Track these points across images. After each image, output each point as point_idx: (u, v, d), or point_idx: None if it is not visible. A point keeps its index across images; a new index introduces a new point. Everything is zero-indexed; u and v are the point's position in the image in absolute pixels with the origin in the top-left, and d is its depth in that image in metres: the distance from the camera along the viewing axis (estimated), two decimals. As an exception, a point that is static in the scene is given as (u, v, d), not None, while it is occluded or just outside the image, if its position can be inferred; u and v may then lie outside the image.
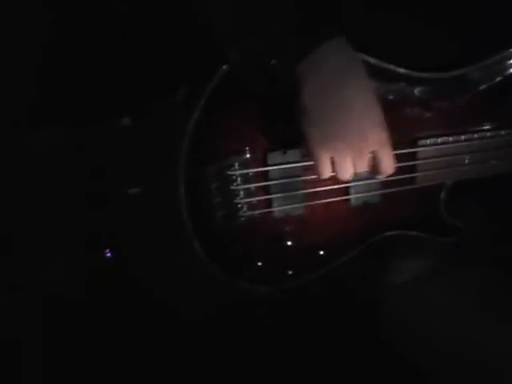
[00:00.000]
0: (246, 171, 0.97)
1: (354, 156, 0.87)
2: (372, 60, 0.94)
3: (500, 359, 0.93)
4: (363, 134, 0.85)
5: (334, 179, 0.93)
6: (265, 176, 0.98)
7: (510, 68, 0.98)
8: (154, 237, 1.07)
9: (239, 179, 0.98)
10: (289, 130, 0.92)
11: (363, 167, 0.89)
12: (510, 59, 0.97)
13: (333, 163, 0.88)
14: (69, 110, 1.14)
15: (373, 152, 0.88)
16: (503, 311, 0.98)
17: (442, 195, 1.05)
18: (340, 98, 0.84)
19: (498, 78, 0.98)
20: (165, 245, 1.07)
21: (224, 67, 0.92)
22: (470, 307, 1.00)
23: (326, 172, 0.88)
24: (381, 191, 1.02)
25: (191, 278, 1.09)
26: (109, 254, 1.04)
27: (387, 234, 1.06)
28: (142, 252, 1.09)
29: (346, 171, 0.88)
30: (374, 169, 0.89)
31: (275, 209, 1.01)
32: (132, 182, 1.06)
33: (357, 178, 0.98)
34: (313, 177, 0.97)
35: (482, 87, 0.99)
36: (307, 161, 0.95)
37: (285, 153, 0.97)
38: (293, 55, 0.84)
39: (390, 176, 0.99)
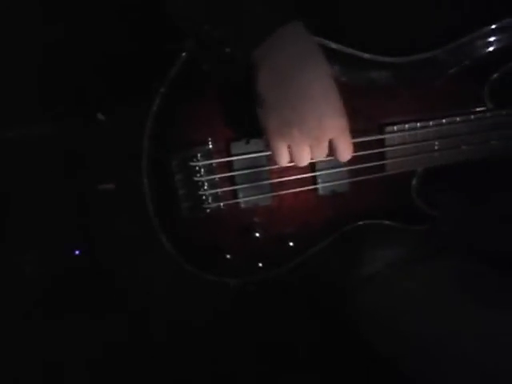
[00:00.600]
0: (208, 162, 0.96)
1: (312, 143, 0.85)
2: (334, 45, 0.92)
3: (476, 347, 0.91)
4: (320, 121, 0.83)
5: (301, 168, 0.91)
6: (229, 166, 0.97)
7: (478, 51, 0.95)
8: (126, 232, 1.06)
9: (202, 170, 0.96)
10: (251, 119, 0.90)
11: (321, 154, 0.87)
12: (477, 41, 0.94)
13: (290, 151, 0.86)
14: (45, 105, 1.13)
15: (331, 139, 0.85)
16: (478, 299, 0.96)
17: (414, 182, 1.02)
18: (296, 85, 0.82)
19: (467, 62, 0.96)
20: (136, 240, 1.05)
21: (183, 54, 0.90)
22: (443, 296, 0.98)
23: (283, 160, 0.86)
24: (349, 180, 0.99)
25: (163, 273, 1.08)
26: (77, 252, 1.03)
27: (359, 223, 1.04)
28: (114, 247, 1.08)
29: (303, 158, 0.86)
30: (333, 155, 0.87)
31: (241, 200, 0.99)
32: (104, 178, 1.05)
33: (323, 166, 0.96)
34: (278, 166, 0.95)
35: (450, 71, 0.96)
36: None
37: (248, 142, 0.95)
38: (247, 42, 0.82)
39: (358, 164, 0.97)
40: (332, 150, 0.88)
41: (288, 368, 1.14)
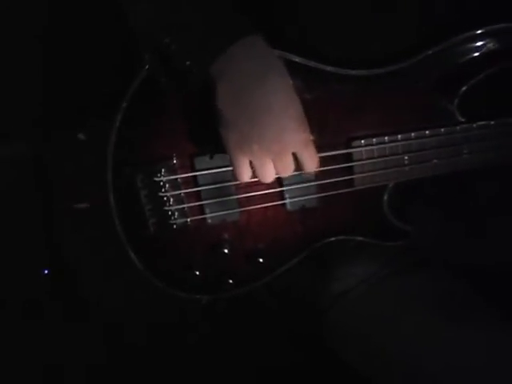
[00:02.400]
0: (173, 177, 0.95)
1: (274, 158, 0.84)
2: (297, 59, 0.91)
3: (448, 363, 0.89)
4: (281, 135, 0.82)
5: (268, 183, 0.90)
6: (194, 182, 0.96)
7: (446, 63, 0.93)
8: (95, 249, 1.05)
9: (167, 185, 0.95)
10: (214, 134, 0.89)
11: (285, 169, 0.85)
12: (445, 54, 0.92)
13: (253, 167, 0.85)
14: (24, 124, 1.14)
15: (294, 153, 0.84)
16: (450, 316, 0.94)
17: (385, 198, 1.00)
18: (255, 99, 0.81)
19: (435, 74, 0.94)
20: (106, 257, 1.05)
21: (145, 68, 0.90)
22: (415, 312, 0.96)
23: (245, 176, 0.85)
24: (318, 195, 0.98)
25: (134, 289, 1.07)
26: (46, 272, 1.03)
27: (331, 239, 1.02)
28: (84, 265, 1.08)
29: (266, 174, 0.85)
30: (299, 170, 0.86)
31: (208, 215, 0.98)
32: (78, 196, 1.05)
33: (291, 181, 0.95)
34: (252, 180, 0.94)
35: (418, 84, 0.95)
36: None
37: (211, 158, 0.94)
38: (203, 56, 0.82)
39: (326, 178, 0.96)
40: (298, 164, 0.86)
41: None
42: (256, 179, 0.88)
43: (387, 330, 0.96)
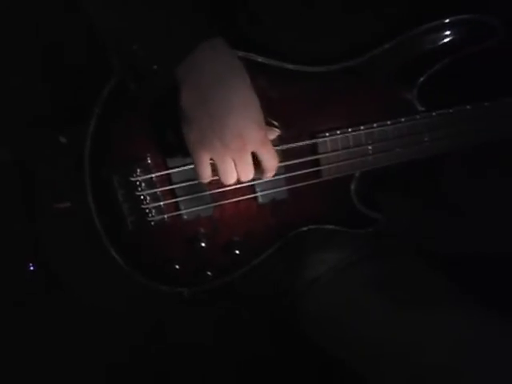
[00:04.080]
0: (148, 176, 0.99)
1: (234, 156, 0.87)
2: (259, 58, 0.95)
3: (414, 350, 0.93)
4: (241, 133, 0.86)
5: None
6: (169, 180, 1.00)
7: (403, 55, 0.98)
8: (78, 247, 1.10)
9: (143, 184, 1.00)
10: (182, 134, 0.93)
11: (246, 169, 0.89)
12: (401, 46, 0.97)
13: (214, 166, 0.89)
14: (5, 129, 1.18)
15: (254, 152, 0.88)
16: (417, 301, 0.97)
17: (353, 187, 1.05)
18: (216, 99, 0.85)
19: (393, 67, 0.98)
20: (88, 255, 1.09)
21: (115, 73, 0.94)
22: (383, 298, 0.99)
23: (205, 174, 0.89)
24: (287, 187, 1.02)
25: (119, 286, 1.12)
26: (32, 268, 1.08)
27: (303, 229, 1.06)
28: (69, 263, 1.12)
29: (227, 172, 0.88)
30: (259, 168, 0.90)
31: (184, 211, 1.02)
32: (59, 197, 1.09)
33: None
34: (215, 178, 0.98)
35: (378, 77, 0.99)
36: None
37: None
38: (170, 60, 0.86)
39: (294, 171, 1.00)
40: (257, 163, 0.90)
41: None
42: (217, 177, 0.91)
43: (355, 314, 1.00)
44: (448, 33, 0.96)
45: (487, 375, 0.86)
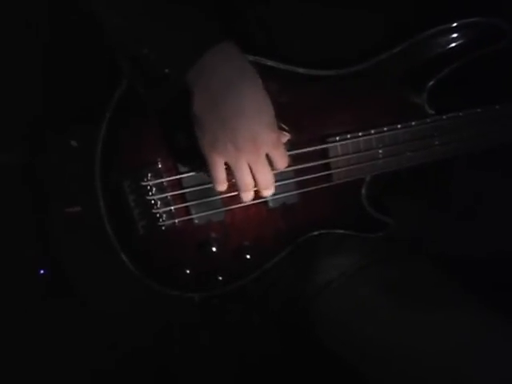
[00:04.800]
0: (159, 181, 0.99)
1: (249, 159, 0.88)
2: (270, 62, 0.96)
3: (422, 352, 0.92)
4: (254, 136, 0.86)
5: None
6: (179, 184, 1.00)
7: (413, 59, 0.98)
8: (89, 253, 1.10)
9: (154, 189, 1.00)
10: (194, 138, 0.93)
11: (264, 173, 0.89)
12: (411, 50, 0.97)
13: (229, 169, 0.89)
14: (17, 132, 1.19)
15: (267, 154, 0.89)
16: (427, 305, 0.97)
17: (363, 191, 1.05)
18: (229, 103, 0.86)
19: (403, 70, 0.99)
20: (99, 260, 1.10)
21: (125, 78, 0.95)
22: (394, 301, 0.99)
23: (220, 177, 0.89)
24: (298, 191, 1.02)
25: (130, 291, 1.12)
26: (42, 272, 1.08)
27: (313, 233, 1.06)
28: (80, 267, 1.13)
29: (244, 176, 0.89)
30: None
31: (194, 216, 1.02)
32: (70, 201, 1.09)
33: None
34: (231, 181, 0.98)
35: (388, 80, 0.99)
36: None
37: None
38: (181, 63, 0.87)
39: (305, 175, 1.00)
40: (270, 164, 0.91)
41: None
42: (232, 181, 0.91)
43: (365, 319, 1.00)
44: (457, 36, 0.97)
45: (493, 378, 0.86)
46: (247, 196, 0.91)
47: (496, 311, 0.94)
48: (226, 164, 0.89)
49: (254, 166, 0.88)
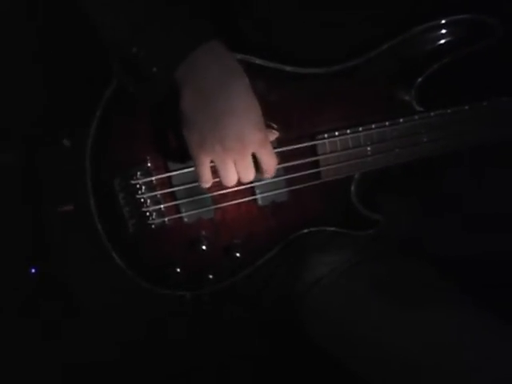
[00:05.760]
0: (148, 179, 1.00)
1: (235, 158, 0.88)
2: (258, 61, 0.96)
3: (412, 349, 0.92)
4: (242, 135, 0.86)
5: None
6: (169, 183, 1.01)
7: (402, 56, 0.98)
8: (79, 251, 1.10)
9: (143, 187, 1.00)
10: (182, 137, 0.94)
11: (247, 170, 0.90)
12: (398, 48, 0.97)
13: (214, 168, 0.89)
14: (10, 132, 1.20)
15: (253, 153, 0.89)
16: (417, 302, 0.97)
17: (352, 188, 1.05)
18: (217, 101, 0.86)
19: (391, 68, 0.99)
20: (90, 258, 1.10)
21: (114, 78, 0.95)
22: (384, 298, 0.99)
23: (206, 175, 0.90)
24: (287, 189, 1.03)
25: (119, 289, 1.12)
26: (33, 271, 1.08)
27: (303, 231, 1.06)
28: (72, 266, 1.13)
29: (229, 174, 0.89)
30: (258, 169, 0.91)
31: (184, 214, 1.03)
32: (63, 199, 1.10)
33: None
34: (216, 180, 0.98)
35: (376, 78, 1.00)
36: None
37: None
38: (169, 62, 0.87)
39: (294, 173, 1.00)
40: (256, 164, 0.91)
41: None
42: (218, 179, 0.92)
43: (356, 316, 1.00)
44: (445, 33, 0.97)
45: (486, 378, 0.86)
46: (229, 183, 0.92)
47: (487, 310, 0.94)
48: (211, 162, 0.90)
49: (239, 164, 0.89)
